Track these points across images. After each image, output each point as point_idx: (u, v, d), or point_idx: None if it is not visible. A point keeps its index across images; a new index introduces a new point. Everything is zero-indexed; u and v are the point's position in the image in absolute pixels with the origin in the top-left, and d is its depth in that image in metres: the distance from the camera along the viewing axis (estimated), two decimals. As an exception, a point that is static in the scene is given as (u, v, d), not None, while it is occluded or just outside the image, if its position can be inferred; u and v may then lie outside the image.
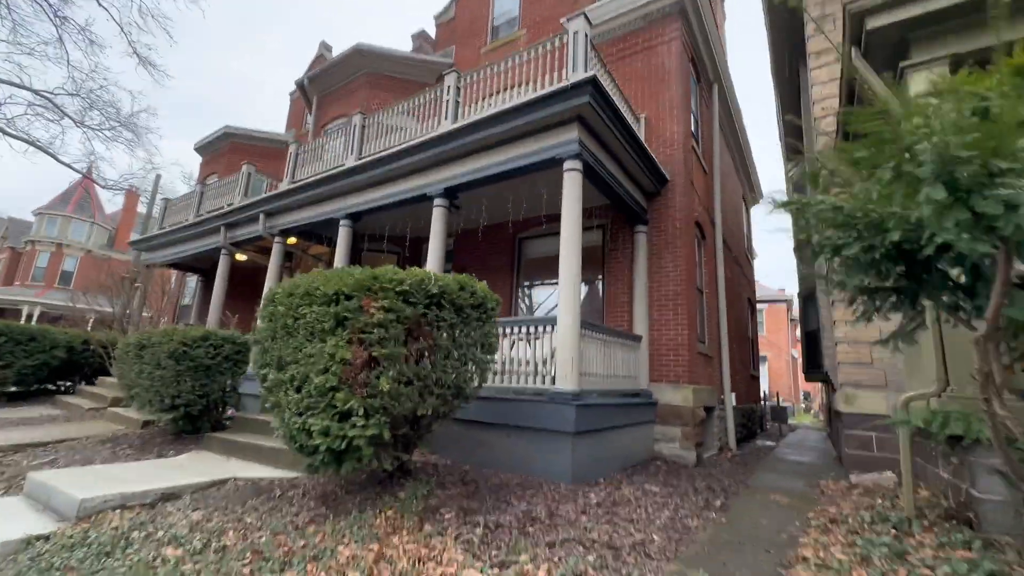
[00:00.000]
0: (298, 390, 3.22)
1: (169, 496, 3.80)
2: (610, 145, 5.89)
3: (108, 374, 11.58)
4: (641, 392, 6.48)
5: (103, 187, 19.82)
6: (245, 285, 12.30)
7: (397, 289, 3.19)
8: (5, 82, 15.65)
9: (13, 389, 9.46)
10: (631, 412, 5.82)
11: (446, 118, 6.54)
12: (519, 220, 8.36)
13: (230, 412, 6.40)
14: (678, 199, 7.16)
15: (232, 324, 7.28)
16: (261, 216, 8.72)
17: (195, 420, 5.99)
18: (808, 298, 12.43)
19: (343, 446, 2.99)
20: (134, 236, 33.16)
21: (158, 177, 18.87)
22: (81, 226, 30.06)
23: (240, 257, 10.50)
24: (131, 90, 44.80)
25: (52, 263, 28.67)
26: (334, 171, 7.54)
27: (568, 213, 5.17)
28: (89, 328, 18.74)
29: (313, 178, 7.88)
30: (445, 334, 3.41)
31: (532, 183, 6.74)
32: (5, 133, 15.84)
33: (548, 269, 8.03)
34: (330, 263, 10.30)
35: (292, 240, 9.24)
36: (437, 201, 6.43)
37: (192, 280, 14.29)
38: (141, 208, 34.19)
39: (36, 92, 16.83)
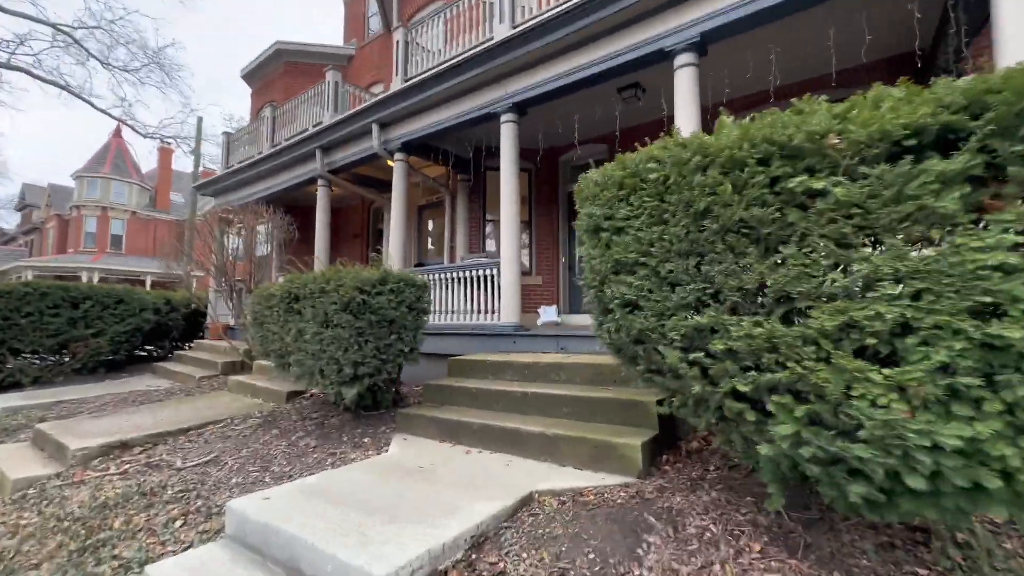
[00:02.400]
0: (881, 362, 1.40)
1: (480, 541, 2.20)
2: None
3: (201, 336, 10.43)
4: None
5: (143, 135, 18.21)
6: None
7: None
8: (19, 14, 13.60)
9: (110, 358, 8.30)
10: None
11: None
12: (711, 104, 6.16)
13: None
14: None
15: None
16: (374, 128, 6.72)
17: (376, 392, 4.45)
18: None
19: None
20: (174, 196, 32.01)
21: (200, 120, 16.95)
22: (121, 187, 28.88)
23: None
24: (153, 17, 41.64)
25: (100, 227, 27.86)
26: (486, 45, 5.40)
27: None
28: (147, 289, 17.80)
29: (452, 61, 5.76)
30: None
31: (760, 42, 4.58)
32: (34, 76, 14.01)
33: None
34: (448, 186, 8.39)
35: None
36: (681, 59, 4.29)
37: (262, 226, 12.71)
38: (177, 166, 32.72)
39: (54, 26, 14.77)
